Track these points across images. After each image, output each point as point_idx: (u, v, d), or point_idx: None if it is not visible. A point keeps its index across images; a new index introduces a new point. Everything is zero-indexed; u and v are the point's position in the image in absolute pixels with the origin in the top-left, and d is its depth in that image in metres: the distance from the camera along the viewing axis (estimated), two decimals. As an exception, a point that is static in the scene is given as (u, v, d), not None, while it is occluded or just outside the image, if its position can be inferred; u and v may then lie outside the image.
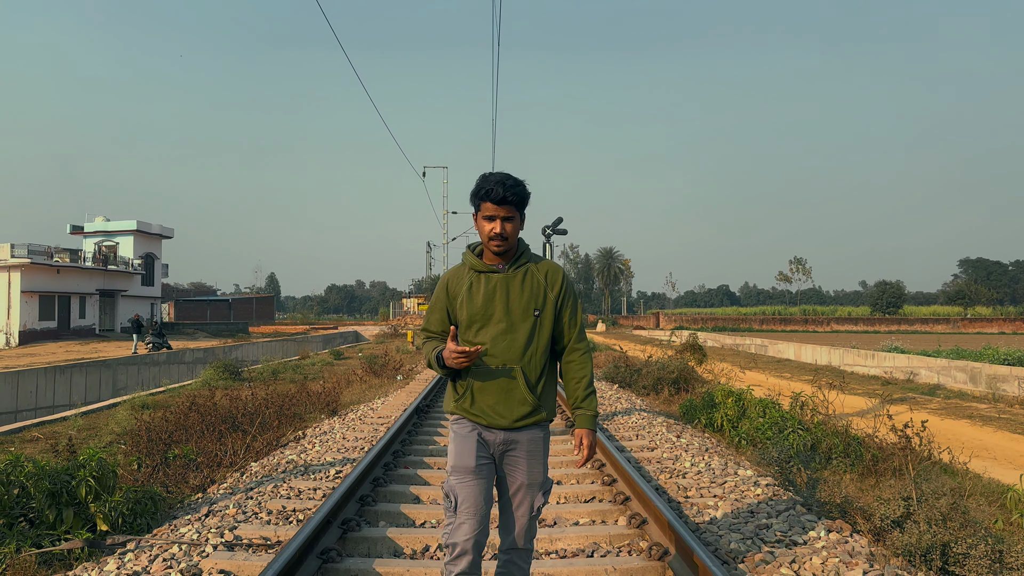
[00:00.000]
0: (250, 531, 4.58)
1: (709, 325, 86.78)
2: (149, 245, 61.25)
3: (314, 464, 6.61)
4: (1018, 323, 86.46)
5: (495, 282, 3.01)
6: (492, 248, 2.99)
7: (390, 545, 4.45)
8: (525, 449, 3.03)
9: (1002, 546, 3.94)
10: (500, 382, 2.97)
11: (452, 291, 3.07)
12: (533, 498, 3.05)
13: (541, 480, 3.07)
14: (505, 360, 2.97)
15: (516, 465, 3.04)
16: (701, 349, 17.40)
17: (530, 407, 3.00)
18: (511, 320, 2.98)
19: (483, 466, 3.00)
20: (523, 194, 2.98)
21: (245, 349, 34.61)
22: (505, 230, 2.95)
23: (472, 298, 3.00)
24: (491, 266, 3.04)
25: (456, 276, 3.10)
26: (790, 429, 8.18)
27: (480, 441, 3.01)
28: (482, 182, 2.97)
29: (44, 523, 4.90)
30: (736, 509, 4.93)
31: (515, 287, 3.00)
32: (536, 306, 3.00)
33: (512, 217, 2.97)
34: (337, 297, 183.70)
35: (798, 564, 3.85)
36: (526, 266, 3.06)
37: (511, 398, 2.98)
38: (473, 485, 2.96)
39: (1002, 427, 13.12)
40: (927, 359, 23.90)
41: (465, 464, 2.98)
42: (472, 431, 3.01)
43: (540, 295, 3.02)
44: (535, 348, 3.00)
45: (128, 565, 4.11)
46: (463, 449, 3.00)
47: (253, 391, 13.54)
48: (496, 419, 2.98)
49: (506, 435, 3.01)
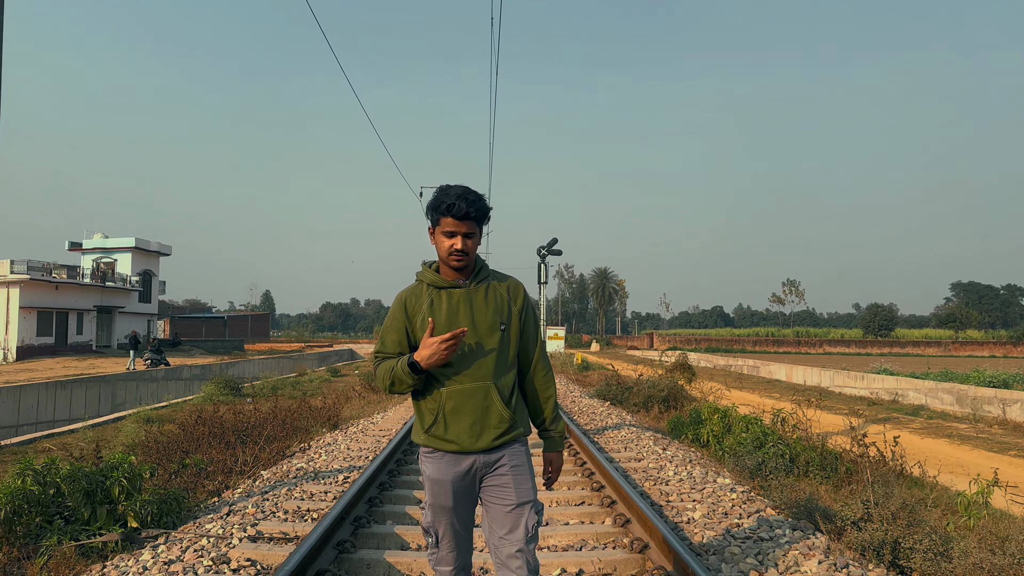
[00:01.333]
0: (270, 527, 5.04)
1: (703, 346, 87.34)
2: (147, 262, 61.63)
3: (323, 471, 7.07)
4: (1008, 347, 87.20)
5: (458, 297, 2.87)
6: (451, 263, 2.85)
7: (397, 540, 4.91)
8: (510, 467, 2.86)
9: (946, 544, 4.42)
10: (474, 402, 2.80)
11: (411, 310, 2.90)
12: (526, 519, 2.84)
13: (532, 498, 2.87)
14: (477, 378, 2.81)
15: (503, 485, 2.86)
16: (690, 368, 17.91)
17: (507, 423, 2.84)
18: (479, 336, 2.84)
19: (462, 499, 2.88)
20: (485, 209, 2.85)
21: (242, 366, 34.96)
22: (466, 246, 2.82)
23: (435, 316, 2.84)
24: (452, 281, 2.89)
25: (413, 294, 2.93)
26: (770, 443, 8.67)
27: (457, 477, 2.85)
28: (441, 195, 2.82)
29: (79, 520, 5.34)
30: (712, 511, 5.42)
31: (479, 302, 2.87)
32: (502, 320, 2.88)
33: (473, 233, 2.84)
34: (332, 315, 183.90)
35: (763, 556, 4.34)
36: (487, 280, 2.93)
37: (488, 417, 2.81)
38: (452, 521, 2.88)
39: (979, 446, 13.62)
40: (915, 381, 24.42)
41: (442, 504, 2.86)
42: (448, 468, 2.85)
43: (504, 309, 2.90)
44: (505, 363, 2.88)
45: (162, 555, 4.56)
46: (438, 488, 2.85)
47: (256, 406, 13.99)
48: (473, 442, 2.81)
49: (486, 457, 2.85)
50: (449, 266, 2.88)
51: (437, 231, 2.86)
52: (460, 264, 2.85)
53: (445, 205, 2.79)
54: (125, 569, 4.37)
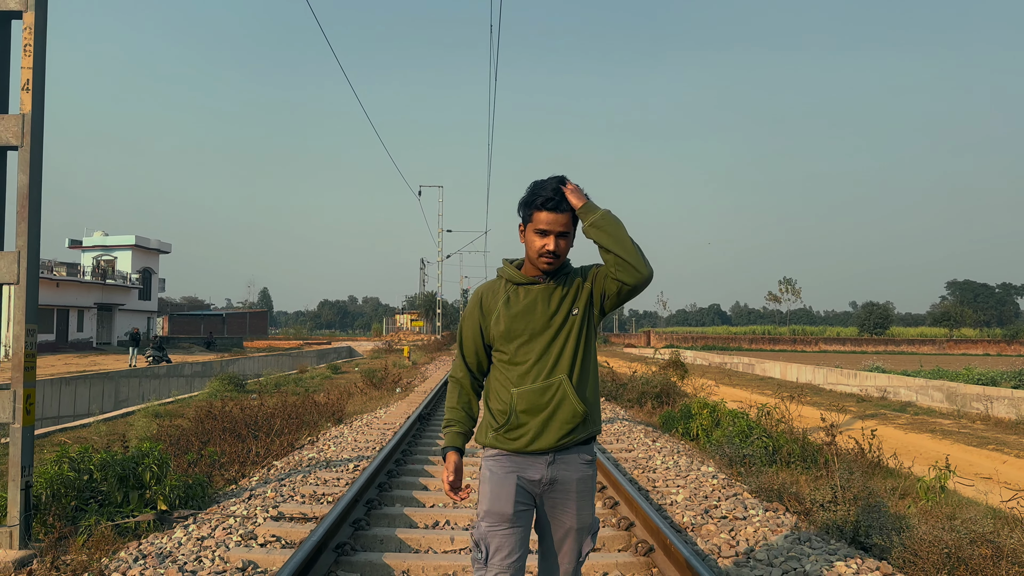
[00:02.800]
0: (290, 509, 5.52)
1: (699, 344, 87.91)
2: (147, 260, 62.08)
3: (333, 460, 7.55)
4: (1002, 345, 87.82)
5: (535, 293, 2.70)
6: (541, 265, 2.67)
7: (406, 520, 5.39)
8: (575, 488, 2.68)
9: (900, 522, 4.91)
10: (548, 399, 2.63)
11: (486, 306, 2.76)
12: (581, 543, 2.70)
13: (590, 523, 2.71)
14: (551, 373, 2.65)
15: (564, 507, 2.67)
16: (683, 366, 18.43)
17: (580, 419, 2.65)
18: (552, 329, 2.67)
19: (522, 512, 2.65)
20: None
21: (242, 363, 35.39)
22: (559, 247, 2.63)
23: (509, 310, 2.70)
24: (532, 277, 2.72)
25: (491, 290, 2.79)
26: (755, 436, 9.16)
27: (520, 484, 2.65)
28: (536, 189, 2.64)
29: (112, 503, 5.81)
30: (694, 495, 5.91)
31: (556, 296, 2.70)
32: (576, 305, 2.71)
33: (568, 232, 2.64)
34: (330, 312, 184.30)
35: (736, 532, 4.83)
36: (567, 276, 2.75)
37: (560, 412, 2.64)
38: (509, 534, 2.61)
39: (959, 440, 14.13)
40: (906, 379, 24.92)
41: (501, 510, 2.61)
42: (511, 472, 2.66)
43: (574, 290, 2.72)
44: (583, 356, 2.70)
45: (193, 533, 5.04)
46: (500, 492, 2.63)
47: (262, 401, 14.45)
48: (540, 441, 2.63)
49: (553, 471, 2.67)
50: (538, 268, 2.70)
51: (529, 228, 2.66)
52: (550, 267, 2.67)
53: (541, 199, 2.60)
54: (161, 545, 4.84)
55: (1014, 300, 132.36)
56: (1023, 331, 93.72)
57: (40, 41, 5.31)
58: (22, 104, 5.25)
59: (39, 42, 5.30)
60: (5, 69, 5.41)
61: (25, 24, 5.26)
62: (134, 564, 4.41)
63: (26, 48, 5.27)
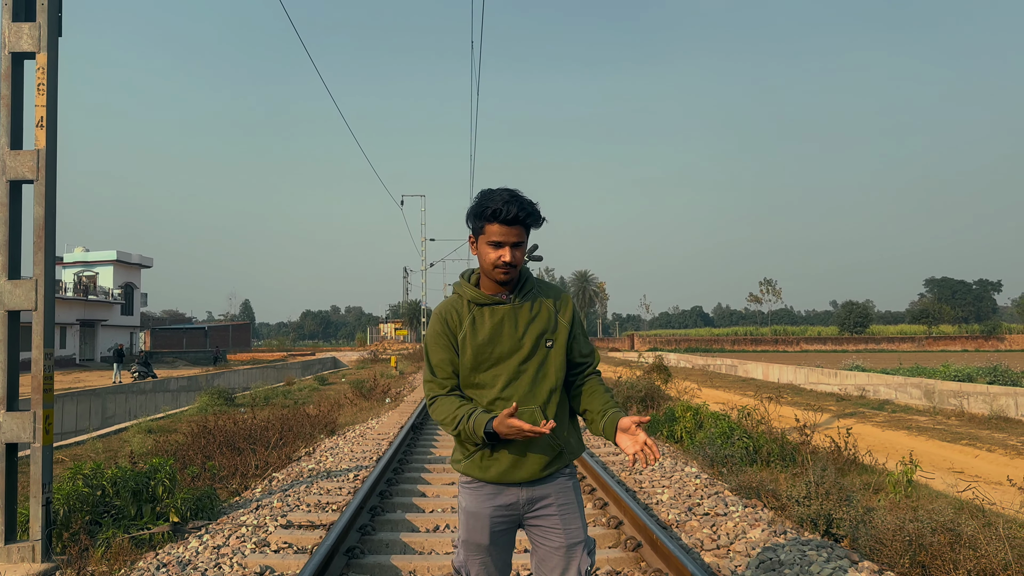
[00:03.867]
0: (298, 517, 5.83)
1: (682, 346, 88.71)
2: (128, 275, 61.87)
3: (333, 471, 7.86)
4: (980, 340, 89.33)
5: (501, 314, 2.61)
6: (497, 277, 2.58)
7: (409, 524, 5.72)
8: (556, 505, 2.61)
9: (868, 514, 5.30)
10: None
11: (452, 325, 2.64)
12: (578, 561, 2.60)
13: (583, 538, 2.62)
14: (522, 400, 2.57)
15: (551, 526, 2.61)
16: (666, 370, 18.86)
17: (556, 451, 2.60)
18: (523, 355, 2.59)
19: (499, 539, 2.64)
20: (537, 213, 2.59)
21: (228, 377, 35.43)
22: (515, 257, 2.54)
23: (476, 335, 2.60)
24: (494, 296, 2.62)
25: (453, 309, 2.66)
26: (736, 437, 9.56)
27: (497, 512, 2.62)
28: (485, 200, 2.54)
29: (127, 517, 6.09)
30: (678, 494, 6.29)
31: (524, 318, 2.61)
32: (548, 337, 2.63)
33: (521, 242, 2.56)
34: (312, 323, 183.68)
35: (717, 527, 5.21)
36: (532, 295, 2.67)
37: (533, 444, 2.56)
38: (488, 562, 2.64)
39: (934, 436, 14.63)
40: (885, 377, 25.47)
41: (477, 541, 2.62)
42: (487, 500, 2.62)
43: (552, 323, 2.64)
44: (553, 383, 2.61)
45: (208, 542, 5.34)
46: (475, 524, 2.62)
47: (255, 415, 14.69)
48: (516, 473, 2.57)
49: (530, 491, 2.61)
50: (494, 280, 2.61)
51: (481, 240, 2.58)
52: (507, 278, 2.58)
53: (491, 210, 2.51)
54: (179, 555, 5.14)
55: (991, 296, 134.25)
56: (1000, 326, 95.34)
57: (52, 80, 5.61)
58: (36, 140, 5.54)
59: (52, 81, 5.60)
60: (19, 107, 5.69)
61: (39, 64, 5.56)
62: (157, 572, 4.71)
63: (39, 87, 5.57)
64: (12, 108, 5.58)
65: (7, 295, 5.49)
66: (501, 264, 2.53)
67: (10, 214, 5.57)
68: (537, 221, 2.59)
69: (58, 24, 5.74)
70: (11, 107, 5.57)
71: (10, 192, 5.57)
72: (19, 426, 5.39)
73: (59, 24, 5.76)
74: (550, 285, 2.76)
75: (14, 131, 5.59)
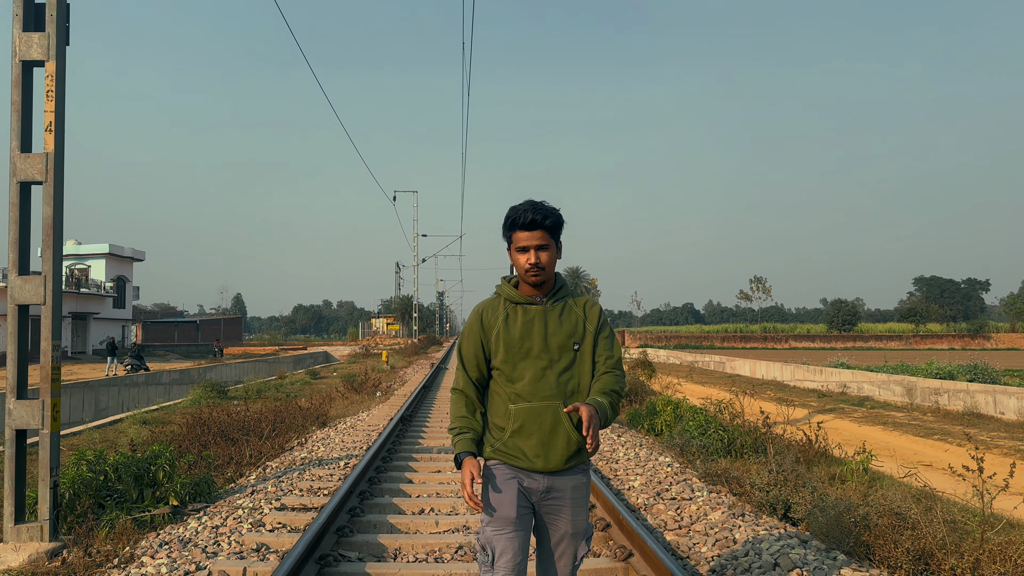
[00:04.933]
0: (291, 501, 6.20)
1: (673, 343, 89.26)
2: (120, 268, 61.99)
3: (325, 459, 8.23)
4: (967, 339, 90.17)
5: (533, 314, 2.87)
6: (529, 279, 2.83)
7: (395, 508, 6.10)
8: (569, 496, 2.83)
9: (823, 499, 5.71)
10: (542, 421, 2.78)
11: (487, 323, 2.90)
12: (576, 547, 2.86)
13: (584, 527, 2.88)
14: (547, 397, 2.79)
15: (559, 513, 2.84)
16: (651, 365, 19.29)
17: (575, 447, 2.81)
18: (551, 355, 2.83)
19: (524, 516, 2.82)
20: (557, 219, 2.85)
21: (220, 370, 35.68)
22: (540, 259, 2.80)
23: (509, 330, 2.85)
24: (529, 297, 2.88)
25: (491, 307, 2.93)
26: (712, 430, 9.96)
27: (522, 489, 2.82)
28: (511, 212, 2.84)
29: (128, 500, 6.44)
30: (649, 481, 6.69)
31: (553, 320, 2.86)
32: (576, 340, 2.86)
33: (547, 245, 2.81)
34: (304, 317, 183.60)
35: (681, 510, 5.61)
36: (564, 300, 2.92)
37: (555, 438, 2.78)
38: (513, 537, 2.78)
39: (908, 432, 15.10)
40: (869, 374, 25.96)
41: (505, 515, 2.78)
42: (511, 478, 2.82)
43: (580, 328, 2.88)
44: (577, 383, 2.85)
45: (207, 523, 5.70)
46: (503, 498, 2.79)
47: (248, 407, 15.02)
48: (540, 462, 2.79)
49: (549, 480, 2.82)
50: (527, 282, 2.87)
51: (512, 249, 2.86)
52: (537, 279, 2.84)
53: (512, 219, 2.82)
54: (179, 534, 5.49)
55: (979, 295, 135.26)
56: (987, 325, 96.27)
57: (60, 87, 5.94)
58: (45, 144, 5.88)
59: (59, 88, 5.93)
60: (29, 112, 6.02)
61: (47, 72, 5.90)
62: (160, 549, 5.07)
63: (48, 93, 5.91)
64: (22, 113, 5.91)
65: (17, 290, 5.83)
66: (530, 266, 2.79)
67: (20, 214, 5.91)
68: (557, 225, 2.84)
69: (66, 34, 6.07)
70: (21, 112, 5.90)
71: (20, 193, 5.91)
72: (28, 413, 5.74)
73: (67, 34, 6.08)
74: (582, 296, 2.99)
75: (24, 135, 5.92)
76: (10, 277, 5.86)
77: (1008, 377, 25.80)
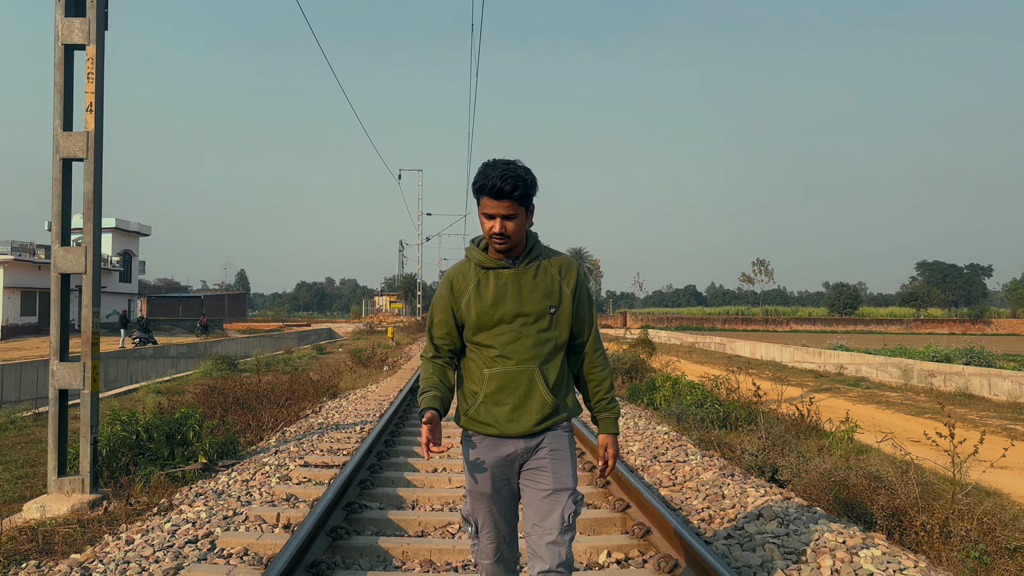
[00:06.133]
0: (313, 459, 6.66)
1: (674, 324, 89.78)
2: (127, 243, 62.47)
3: (341, 424, 8.70)
4: (967, 324, 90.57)
5: (505, 278, 2.75)
6: (495, 246, 2.73)
7: (410, 466, 6.56)
8: (548, 450, 2.74)
9: (805, 463, 6.15)
10: (517, 385, 2.72)
11: (457, 289, 2.80)
12: (562, 506, 2.70)
13: (571, 485, 2.74)
14: (523, 360, 2.71)
15: (540, 469, 2.74)
16: (651, 344, 19.75)
17: (550, 409, 2.73)
18: (527, 318, 2.73)
19: (502, 488, 2.78)
20: (527, 189, 2.66)
21: (226, 344, 36.23)
22: (506, 228, 2.67)
23: (481, 297, 2.74)
24: (499, 261, 2.77)
25: (461, 273, 2.82)
26: (708, 403, 10.42)
27: (497, 463, 2.76)
28: (480, 175, 2.65)
29: (161, 457, 6.91)
30: (647, 447, 7.15)
31: (527, 283, 2.74)
32: (552, 302, 2.75)
33: (514, 215, 2.66)
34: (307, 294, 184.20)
35: (675, 470, 6.07)
36: (538, 260, 2.80)
37: (530, 402, 2.72)
38: (492, 510, 2.79)
39: (900, 410, 15.56)
40: (867, 356, 26.42)
41: (481, 490, 2.77)
42: (487, 451, 2.76)
43: (555, 290, 2.77)
44: (553, 346, 2.76)
45: (236, 478, 6.16)
46: (478, 476, 2.76)
47: (260, 378, 15.52)
48: (512, 427, 2.72)
49: (525, 442, 2.74)
50: (494, 248, 2.77)
51: (479, 211, 2.72)
52: (502, 247, 2.73)
53: (480, 184, 2.65)
54: (212, 487, 5.95)
55: (981, 280, 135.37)
56: (987, 310, 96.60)
57: (100, 69, 6.32)
58: (86, 123, 6.28)
59: (99, 70, 6.32)
60: (71, 93, 6.41)
61: (88, 55, 6.28)
62: (196, 499, 5.52)
63: (89, 76, 6.30)
64: (64, 94, 6.30)
65: (60, 259, 6.27)
66: (494, 235, 2.68)
67: (63, 188, 6.32)
68: (527, 197, 2.67)
69: (105, 19, 6.45)
70: (64, 93, 6.29)
71: (63, 169, 6.31)
72: (71, 375, 6.18)
73: (106, 19, 6.46)
74: (557, 253, 2.86)
75: (66, 114, 6.32)
76: (53, 247, 6.29)
77: (1004, 361, 26.24)
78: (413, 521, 4.87)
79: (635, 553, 4.29)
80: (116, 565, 4.07)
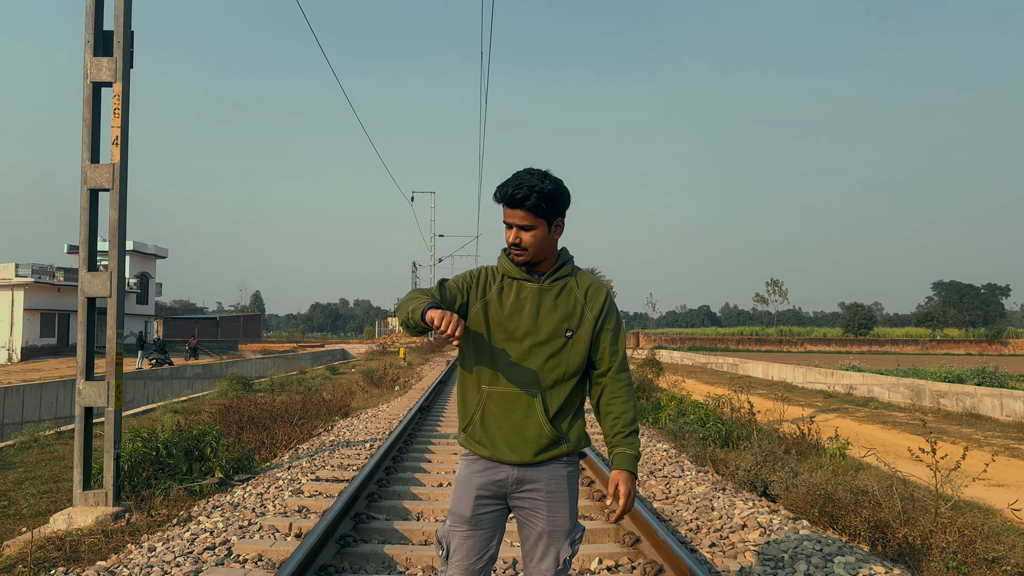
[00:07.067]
0: (325, 474, 6.97)
1: (688, 345, 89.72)
2: (144, 265, 63.34)
3: (352, 442, 9.01)
4: (984, 344, 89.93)
5: (527, 292, 2.60)
6: (513, 256, 2.59)
7: (417, 481, 6.85)
8: (544, 490, 2.55)
9: (795, 477, 6.39)
10: (514, 409, 2.54)
11: (482, 283, 2.65)
12: (558, 549, 2.55)
13: (567, 527, 2.57)
14: (524, 383, 2.54)
15: (535, 509, 2.56)
16: (658, 364, 19.97)
17: (548, 440, 2.53)
18: (538, 338, 2.56)
19: (483, 516, 2.58)
20: (540, 199, 2.48)
21: (241, 365, 36.65)
22: (521, 239, 2.52)
23: (500, 303, 2.59)
24: (525, 274, 2.61)
25: (488, 276, 2.67)
26: (710, 422, 10.66)
27: (484, 486, 2.58)
28: (502, 183, 2.55)
29: (179, 472, 7.23)
30: (645, 462, 7.41)
31: (548, 301, 2.58)
32: (570, 326, 2.57)
33: (531, 226, 2.51)
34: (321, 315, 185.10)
35: (670, 484, 6.33)
36: (565, 280, 2.63)
37: (526, 429, 2.53)
38: (467, 536, 2.57)
39: (904, 430, 15.69)
40: (879, 377, 26.49)
41: (460, 512, 2.58)
42: (477, 473, 2.60)
43: (576, 314, 2.59)
44: (562, 373, 2.57)
45: (251, 491, 6.47)
46: (461, 494, 2.60)
47: (274, 398, 15.88)
48: (507, 453, 2.54)
49: (521, 472, 2.56)
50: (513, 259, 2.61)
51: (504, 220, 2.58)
52: (519, 259, 2.58)
53: (495, 192, 2.55)
54: (228, 500, 6.26)
55: (999, 300, 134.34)
56: (1005, 331, 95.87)
57: (125, 105, 6.72)
58: (112, 155, 6.67)
59: (124, 106, 6.72)
60: (97, 127, 6.82)
61: (114, 92, 6.69)
62: (213, 511, 5.84)
63: (115, 111, 6.70)
64: (92, 128, 6.71)
65: (87, 284, 6.63)
66: (510, 245, 2.56)
67: (89, 217, 6.71)
68: (542, 209, 2.49)
69: (130, 58, 6.86)
70: (92, 127, 6.70)
71: (90, 199, 6.70)
72: (96, 393, 6.53)
73: (131, 58, 6.88)
74: (588, 276, 2.70)
75: (93, 147, 6.71)
76: (80, 272, 6.66)
77: (1018, 382, 26.23)
78: (417, 531, 5.15)
79: (625, 560, 4.57)
80: (140, 569, 4.38)
